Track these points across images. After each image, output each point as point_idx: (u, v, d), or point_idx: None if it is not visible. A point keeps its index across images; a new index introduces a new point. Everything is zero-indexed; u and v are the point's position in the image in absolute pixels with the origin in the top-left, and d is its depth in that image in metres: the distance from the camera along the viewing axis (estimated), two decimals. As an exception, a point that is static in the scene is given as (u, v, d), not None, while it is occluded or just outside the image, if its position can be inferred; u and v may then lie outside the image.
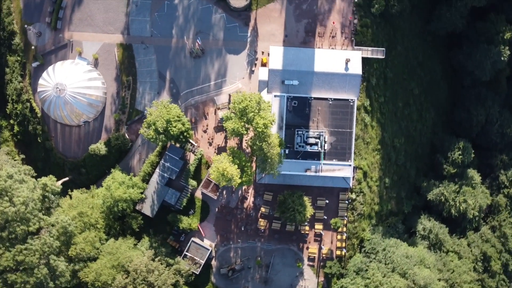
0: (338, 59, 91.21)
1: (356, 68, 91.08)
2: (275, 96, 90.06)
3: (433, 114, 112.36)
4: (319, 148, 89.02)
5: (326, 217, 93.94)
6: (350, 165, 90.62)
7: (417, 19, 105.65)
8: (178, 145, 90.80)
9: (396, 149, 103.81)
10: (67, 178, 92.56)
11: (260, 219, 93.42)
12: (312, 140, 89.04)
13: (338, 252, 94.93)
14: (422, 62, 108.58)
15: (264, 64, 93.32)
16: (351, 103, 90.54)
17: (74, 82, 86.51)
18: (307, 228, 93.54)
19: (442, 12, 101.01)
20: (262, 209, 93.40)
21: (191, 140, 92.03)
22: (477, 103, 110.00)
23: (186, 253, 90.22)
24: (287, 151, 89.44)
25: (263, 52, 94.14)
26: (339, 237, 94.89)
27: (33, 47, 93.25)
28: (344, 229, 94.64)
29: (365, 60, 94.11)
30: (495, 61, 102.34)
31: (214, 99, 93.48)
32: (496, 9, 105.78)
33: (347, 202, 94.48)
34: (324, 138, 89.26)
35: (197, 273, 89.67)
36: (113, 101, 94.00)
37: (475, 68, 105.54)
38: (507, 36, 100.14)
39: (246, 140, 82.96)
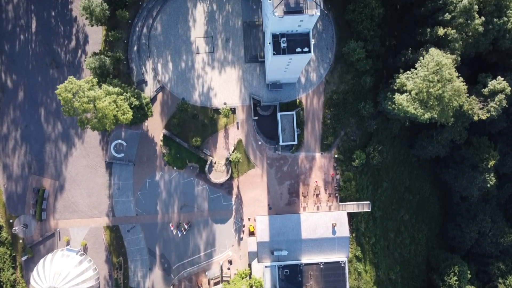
0: (325, 223, 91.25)
1: (343, 230, 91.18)
2: (266, 266, 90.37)
3: (426, 231, 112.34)
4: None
5: None
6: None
7: (400, 147, 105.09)
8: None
9: (392, 281, 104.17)
10: None
11: None
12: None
13: None
14: (410, 185, 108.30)
15: (251, 232, 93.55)
16: (342, 265, 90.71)
17: (66, 282, 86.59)
18: None
19: (424, 144, 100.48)
20: None
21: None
22: (468, 218, 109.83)
23: None
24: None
25: (249, 219, 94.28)
26: None
27: (20, 241, 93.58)
28: None
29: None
30: (482, 186, 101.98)
31: (206, 272, 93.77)
32: (478, 131, 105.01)
33: None
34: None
35: None
36: (106, 283, 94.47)
37: (462, 191, 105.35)
38: (490, 164, 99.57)
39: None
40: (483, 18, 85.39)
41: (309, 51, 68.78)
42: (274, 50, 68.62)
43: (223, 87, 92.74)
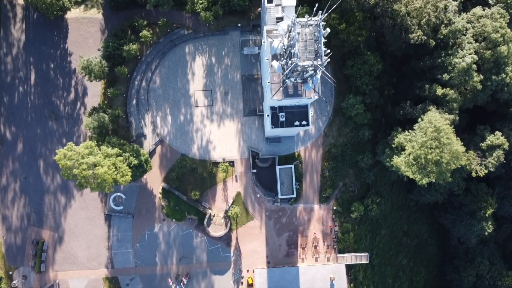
0: (323, 276, 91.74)
1: (341, 284, 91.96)
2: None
3: (424, 273, 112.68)
4: None
5: None
6: None
7: (398, 192, 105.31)
8: None
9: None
10: None
11: None
12: None
13: None
14: (408, 229, 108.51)
15: (250, 284, 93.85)
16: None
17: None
18: None
19: (422, 191, 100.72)
20: None
21: None
22: (466, 261, 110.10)
23: None
24: None
25: (248, 270, 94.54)
26: None
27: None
28: None
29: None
30: (479, 233, 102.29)
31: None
32: (476, 179, 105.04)
33: None
34: None
35: None
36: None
37: (460, 236, 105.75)
38: (488, 213, 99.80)
39: None
40: (481, 76, 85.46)
41: (307, 124, 68.84)
42: (272, 124, 68.73)
43: (222, 140, 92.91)
